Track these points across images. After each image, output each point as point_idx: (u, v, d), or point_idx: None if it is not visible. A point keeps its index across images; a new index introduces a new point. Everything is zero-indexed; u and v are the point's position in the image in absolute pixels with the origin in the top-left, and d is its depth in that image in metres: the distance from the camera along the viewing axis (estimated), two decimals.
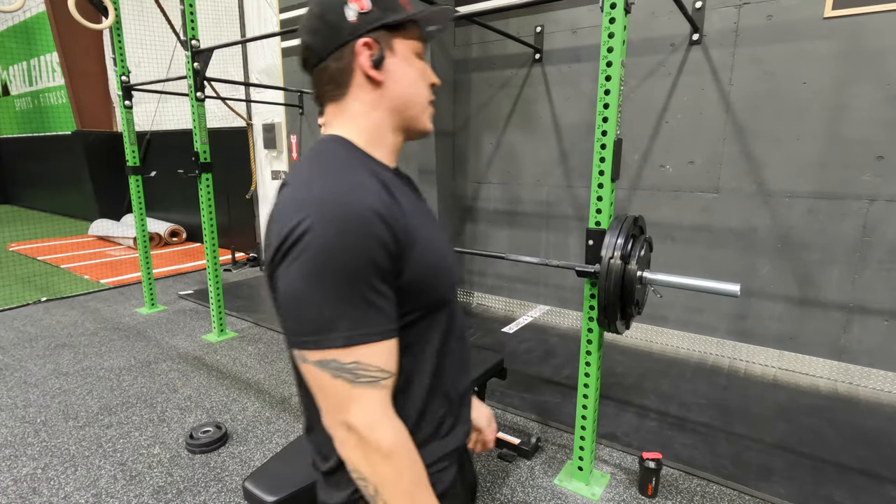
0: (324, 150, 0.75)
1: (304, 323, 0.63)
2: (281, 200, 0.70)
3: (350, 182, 0.67)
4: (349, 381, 0.63)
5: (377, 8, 0.74)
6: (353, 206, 0.64)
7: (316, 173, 0.70)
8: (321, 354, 0.63)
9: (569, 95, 3.79)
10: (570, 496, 2.10)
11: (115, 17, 3.87)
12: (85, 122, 8.91)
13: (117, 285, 5.23)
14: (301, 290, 0.63)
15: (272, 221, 0.69)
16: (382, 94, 0.77)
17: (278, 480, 1.47)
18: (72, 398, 2.89)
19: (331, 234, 0.62)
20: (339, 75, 0.76)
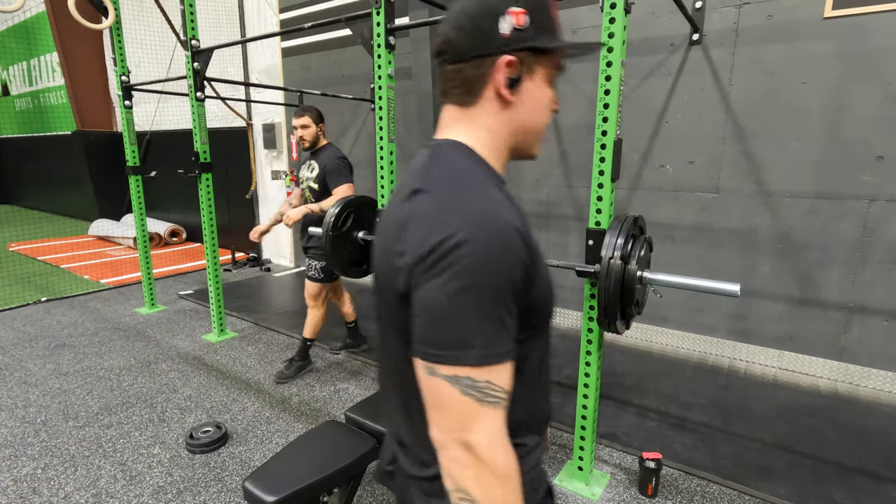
0: (452, 157, 0.73)
1: (443, 336, 0.62)
2: (419, 207, 0.67)
3: (493, 197, 0.67)
4: (477, 399, 0.62)
5: (533, 27, 0.72)
6: (501, 222, 0.64)
7: (458, 184, 0.68)
8: (454, 370, 0.62)
9: (569, 95, 3.79)
10: (570, 496, 2.10)
11: (115, 17, 3.87)
12: (85, 122, 8.91)
13: (117, 285, 5.23)
14: (445, 303, 0.61)
15: (407, 226, 0.66)
16: (510, 115, 0.75)
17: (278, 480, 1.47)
18: (72, 398, 2.89)
19: (482, 249, 0.61)
20: (472, 82, 0.73)
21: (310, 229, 2.89)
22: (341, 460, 1.58)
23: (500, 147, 0.77)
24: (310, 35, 5.34)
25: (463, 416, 0.62)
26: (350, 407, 1.88)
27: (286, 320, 4.21)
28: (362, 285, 5.13)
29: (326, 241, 2.62)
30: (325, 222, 2.64)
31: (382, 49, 2.35)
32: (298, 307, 4.60)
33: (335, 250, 2.65)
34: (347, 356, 3.52)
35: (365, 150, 5.20)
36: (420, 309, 0.64)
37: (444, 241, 0.61)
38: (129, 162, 4.21)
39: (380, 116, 2.44)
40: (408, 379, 0.71)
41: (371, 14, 2.39)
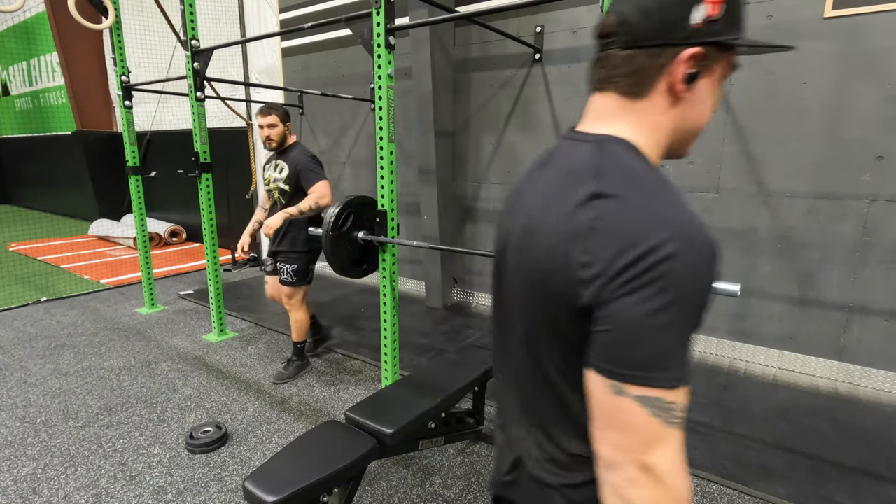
0: (625, 157, 0.67)
1: (638, 356, 0.58)
2: (607, 214, 0.60)
3: (686, 205, 0.61)
4: (665, 421, 0.58)
5: (724, 19, 0.65)
6: (705, 234, 0.58)
7: (647, 189, 0.62)
8: (646, 391, 0.58)
9: (569, 95, 3.79)
10: None
11: (115, 17, 3.87)
12: (85, 122, 8.91)
13: (117, 285, 5.23)
14: (645, 321, 0.57)
15: (592, 235, 0.60)
16: (678, 112, 0.69)
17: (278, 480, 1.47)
18: (72, 398, 2.89)
19: (691, 264, 0.57)
20: (645, 72, 0.66)
21: (310, 229, 2.88)
22: (341, 460, 1.58)
23: (661, 145, 0.72)
24: (310, 35, 5.34)
25: (647, 437, 0.59)
26: (350, 407, 1.88)
27: (286, 320, 4.19)
28: (362, 285, 5.13)
29: (326, 241, 2.62)
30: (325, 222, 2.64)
31: (382, 49, 2.35)
32: None
33: (335, 250, 2.65)
34: (344, 354, 3.52)
35: (365, 150, 5.20)
36: (612, 325, 0.59)
37: (648, 254, 0.56)
38: (129, 162, 4.21)
39: (380, 116, 2.44)
40: (559, 388, 0.69)
41: (371, 14, 2.39)
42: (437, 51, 3.98)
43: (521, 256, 0.71)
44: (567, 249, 0.62)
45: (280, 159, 2.99)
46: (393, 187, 2.54)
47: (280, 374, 3.14)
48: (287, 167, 2.94)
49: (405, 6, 3.93)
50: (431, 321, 4.23)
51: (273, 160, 3.04)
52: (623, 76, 0.67)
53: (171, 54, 6.59)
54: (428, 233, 4.43)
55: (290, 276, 3.03)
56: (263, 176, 3.11)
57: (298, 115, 5.69)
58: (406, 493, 2.12)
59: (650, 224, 0.58)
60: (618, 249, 0.58)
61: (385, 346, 2.73)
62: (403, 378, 2.24)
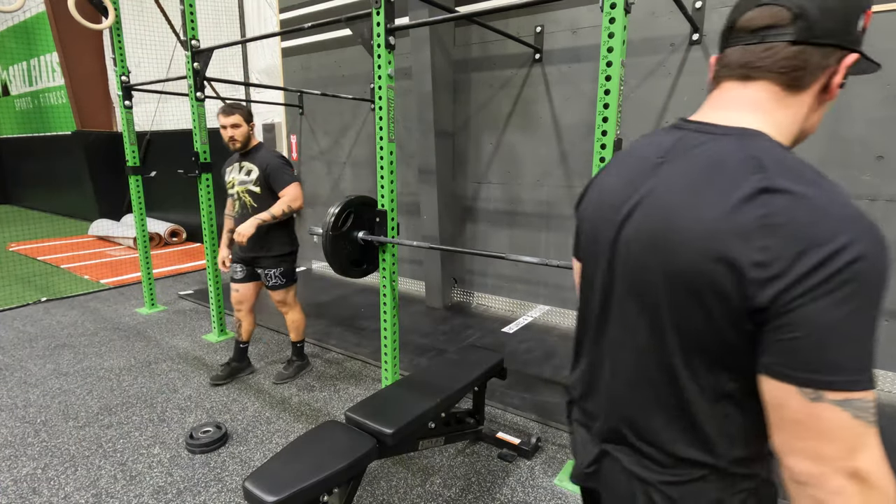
0: (779, 150, 0.65)
1: (839, 359, 0.56)
2: (783, 212, 0.59)
3: (854, 203, 0.60)
4: (866, 421, 0.57)
5: (861, 32, 0.68)
6: (878, 230, 0.58)
7: (819, 186, 0.60)
8: (848, 395, 0.56)
9: (569, 95, 3.79)
10: (570, 496, 2.10)
11: (114, 17, 3.87)
12: (85, 122, 8.91)
13: (117, 285, 5.23)
14: (844, 324, 0.56)
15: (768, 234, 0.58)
16: (817, 111, 0.71)
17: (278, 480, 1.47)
18: (72, 398, 2.89)
19: (879, 264, 0.56)
20: (811, 68, 0.66)
21: (310, 229, 2.87)
22: (341, 460, 1.58)
23: (789, 142, 0.71)
24: (310, 35, 5.34)
25: (852, 442, 0.57)
26: (350, 407, 1.88)
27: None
28: (362, 285, 5.13)
29: (326, 241, 2.62)
30: (325, 222, 2.64)
31: (382, 49, 2.35)
32: None
33: (335, 250, 2.65)
34: (344, 354, 3.52)
35: (365, 150, 5.20)
36: (804, 330, 0.57)
37: (836, 255, 0.55)
38: (129, 162, 4.21)
39: (380, 116, 2.44)
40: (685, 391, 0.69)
41: (371, 14, 2.39)
42: (437, 51, 3.98)
43: (654, 253, 0.69)
44: (731, 248, 0.60)
45: (246, 161, 2.88)
46: (393, 187, 2.54)
47: (280, 374, 3.13)
48: (256, 169, 2.83)
49: (405, 6, 3.93)
50: (431, 321, 4.23)
51: (236, 162, 2.91)
52: (788, 69, 0.66)
53: (171, 54, 6.59)
54: (428, 233, 4.43)
55: (279, 280, 2.95)
56: (225, 179, 2.95)
57: (298, 115, 5.69)
58: (406, 493, 2.12)
59: (833, 223, 0.57)
60: (800, 249, 0.56)
61: (385, 346, 2.73)
62: (403, 378, 2.24)
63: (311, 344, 3.71)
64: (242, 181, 2.86)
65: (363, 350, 3.58)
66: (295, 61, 5.62)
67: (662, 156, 0.74)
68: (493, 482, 2.19)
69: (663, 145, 0.75)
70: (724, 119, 0.71)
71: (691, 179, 0.68)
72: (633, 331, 0.75)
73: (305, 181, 5.89)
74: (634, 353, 0.75)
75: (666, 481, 0.74)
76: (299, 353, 3.23)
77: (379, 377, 3.18)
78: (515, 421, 2.68)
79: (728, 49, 0.71)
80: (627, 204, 0.75)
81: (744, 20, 0.69)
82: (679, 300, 0.67)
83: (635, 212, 0.73)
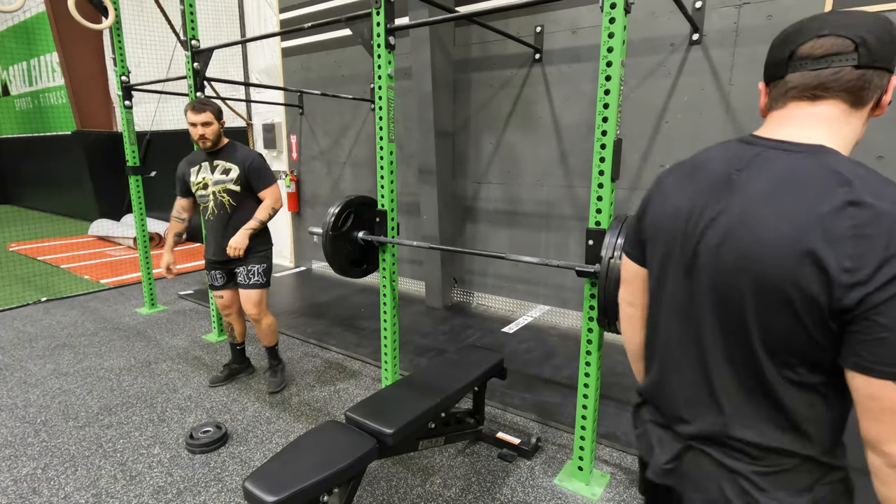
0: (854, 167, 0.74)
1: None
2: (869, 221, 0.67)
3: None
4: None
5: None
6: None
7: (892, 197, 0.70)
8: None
9: (569, 95, 3.79)
10: (570, 496, 2.10)
11: (115, 17, 3.87)
12: (85, 122, 8.92)
13: (117, 285, 5.23)
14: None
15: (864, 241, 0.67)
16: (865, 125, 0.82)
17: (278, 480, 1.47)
18: (72, 398, 2.89)
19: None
20: (871, 88, 0.78)
21: (310, 229, 2.87)
22: (341, 460, 1.58)
23: (849, 151, 0.81)
24: (310, 35, 5.34)
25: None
26: (350, 407, 1.88)
27: (286, 320, 4.21)
28: (362, 285, 5.13)
29: (326, 241, 2.62)
30: (325, 222, 2.64)
31: (382, 49, 2.35)
32: (298, 307, 4.60)
33: (335, 250, 2.65)
34: (344, 354, 3.52)
35: (365, 150, 5.20)
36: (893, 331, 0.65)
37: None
38: (129, 162, 4.21)
39: (380, 116, 2.44)
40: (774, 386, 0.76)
41: (371, 14, 2.39)
42: (437, 51, 3.98)
43: (742, 261, 0.76)
44: (821, 254, 0.68)
45: (219, 160, 2.74)
46: (393, 187, 2.54)
47: (273, 383, 3.00)
48: (236, 167, 2.71)
49: (405, 6, 3.93)
50: (431, 321, 4.23)
51: (203, 161, 2.76)
52: (855, 89, 0.78)
53: (171, 54, 6.59)
54: (428, 233, 4.43)
55: (260, 278, 2.84)
56: (190, 180, 2.79)
57: (298, 115, 5.69)
58: (406, 493, 2.12)
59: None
60: (884, 258, 0.65)
61: (385, 346, 2.73)
62: (403, 378, 2.24)
63: (311, 344, 3.72)
64: (219, 181, 2.73)
65: (363, 350, 3.58)
66: (295, 61, 5.62)
67: (739, 169, 0.81)
68: (493, 482, 2.19)
69: (738, 160, 0.83)
70: (794, 135, 0.80)
71: (776, 192, 0.75)
72: (718, 332, 0.82)
73: (305, 181, 5.89)
74: (719, 353, 0.82)
75: (757, 471, 0.80)
76: (277, 356, 3.11)
77: (379, 377, 3.18)
78: (515, 421, 2.68)
79: (791, 74, 0.81)
80: (706, 216, 0.82)
81: (806, 48, 0.79)
82: (767, 302, 0.74)
83: (717, 223, 0.81)
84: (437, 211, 4.30)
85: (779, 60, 0.82)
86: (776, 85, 0.84)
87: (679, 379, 0.90)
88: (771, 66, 0.84)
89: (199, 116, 2.63)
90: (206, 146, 2.71)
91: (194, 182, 2.78)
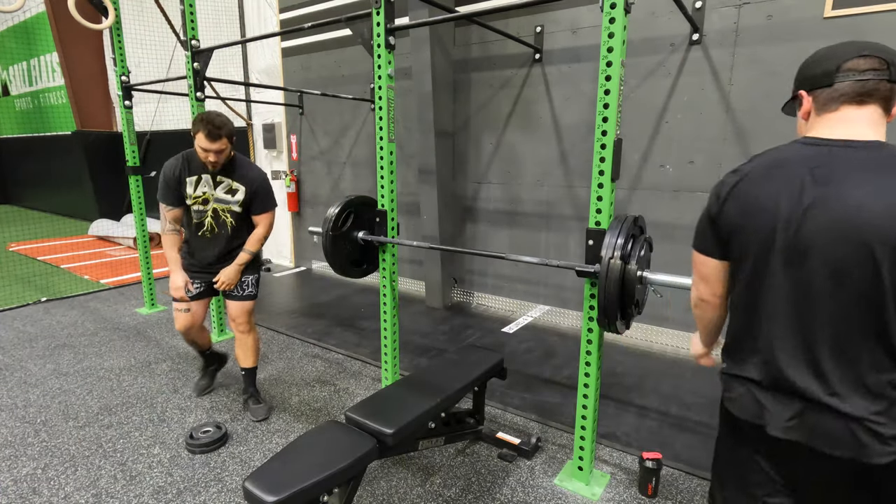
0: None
1: None
2: None
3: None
4: None
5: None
6: None
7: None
8: None
9: (569, 95, 3.79)
10: (570, 496, 2.10)
11: (114, 17, 3.87)
12: (85, 122, 8.91)
13: (117, 285, 5.23)
14: None
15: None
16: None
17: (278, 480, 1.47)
18: (72, 398, 2.89)
19: None
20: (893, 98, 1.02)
21: (310, 229, 2.87)
22: (341, 460, 1.58)
23: None
24: (310, 35, 5.34)
25: None
26: (350, 407, 1.88)
27: (286, 320, 4.21)
28: (362, 285, 5.14)
29: (326, 241, 2.62)
30: (325, 222, 2.64)
31: (382, 49, 2.35)
32: (298, 307, 4.61)
33: (335, 250, 2.65)
34: (344, 354, 3.52)
35: (365, 150, 5.20)
36: None
37: None
38: (129, 162, 4.21)
39: (380, 116, 2.44)
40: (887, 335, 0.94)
41: (371, 14, 2.39)
42: (437, 51, 3.98)
43: (850, 235, 0.94)
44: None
45: (225, 177, 2.53)
46: (393, 187, 2.54)
47: (259, 411, 2.70)
48: (243, 189, 2.53)
49: (405, 6, 3.93)
50: (431, 321, 4.23)
51: (204, 174, 2.52)
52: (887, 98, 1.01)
53: (171, 54, 6.59)
54: (428, 233, 4.43)
55: (253, 289, 2.67)
56: (187, 191, 2.53)
57: (298, 115, 5.69)
58: (406, 493, 2.12)
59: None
60: None
61: (385, 346, 2.73)
62: (403, 378, 2.24)
63: (311, 344, 3.72)
64: (223, 200, 2.54)
65: (363, 350, 3.58)
66: (295, 61, 5.62)
67: (818, 166, 0.99)
68: (493, 482, 2.19)
69: (813, 158, 1.01)
70: (852, 135, 1.00)
71: (866, 177, 0.95)
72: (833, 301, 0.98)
73: (305, 181, 5.89)
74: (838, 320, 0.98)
75: (876, 411, 0.96)
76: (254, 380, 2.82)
77: (379, 377, 3.18)
78: (515, 421, 2.68)
79: (840, 83, 1.02)
80: (799, 206, 0.99)
81: (851, 64, 1.01)
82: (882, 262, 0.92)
83: (813, 211, 0.97)
84: (437, 211, 4.30)
85: (826, 72, 1.03)
86: (823, 91, 1.04)
87: (787, 345, 1.03)
88: (818, 76, 1.05)
89: (214, 144, 2.36)
90: (215, 169, 2.48)
91: (192, 195, 2.53)
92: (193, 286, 2.63)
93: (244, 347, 2.71)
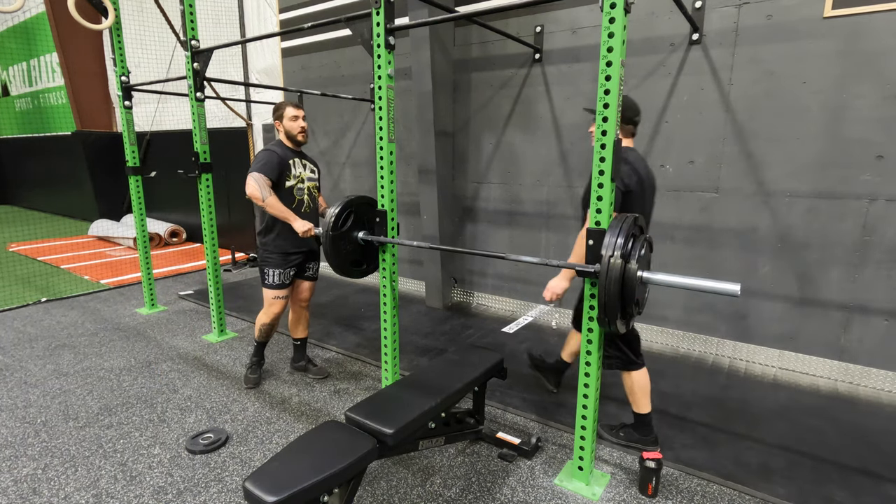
0: None
1: None
2: None
3: None
4: None
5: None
6: None
7: None
8: None
9: (569, 95, 3.79)
10: (570, 496, 2.10)
11: (114, 17, 3.87)
12: (85, 123, 8.91)
13: (117, 286, 5.23)
14: None
15: None
16: None
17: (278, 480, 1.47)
18: (72, 398, 2.89)
19: None
20: None
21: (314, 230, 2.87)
22: (341, 460, 1.58)
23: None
24: (310, 35, 5.34)
25: None
26: (350, 407, 1.88)
27: (286, 320, 4.20)
28: (362, 285, 5.13)
29: (326, 241, 2.61)
30: (325, 222, 2.64)
31: (382, 49, 2.35)
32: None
33: (335, 250, 2.65)
34: (344, 354, 3.52)
35: (365, 150, 5.20)
36: None
37: None
38: (129, 162, 4.21)
39: (380, 116, 2.44)
40: None
41: (371, 14, 2.39)
42: (437, 51, 3.98)
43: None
44: None
45: (305, 159, 2.93)
46: (393, 187, 2.54)
47: (320, 370, 3.21)
48: (316, 168, 3.00)
49: (405, 6, 3.93)
50: (431, 321, 4.23)
51: (296, 157, 2.86)
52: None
53: (171, 54, 6.59)
54: (428, 233, 4.43)
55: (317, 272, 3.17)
56: (292, 172, 2.81)
57: None
58: (406, 493, 2.12)
59: None
60: None
61: (385, 346, 2.73)
62: (403, 378, 2.24)
63: (311, 344, 3.71)
64: (311, 178, 2.95)
65: (363, 350, 3.58)
66: (295, 61, 5.62)
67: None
68: (493, 482, 2.19)
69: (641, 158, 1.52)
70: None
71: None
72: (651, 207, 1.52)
73: None
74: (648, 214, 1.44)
75: None
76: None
77: (379, 377, 3.18)
78: (515, 421, 2.68)
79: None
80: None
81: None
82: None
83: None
84: (437, 211, 4.30)
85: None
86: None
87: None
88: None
89: (301, 111, 2.82)
90: (305, 141, 2.87)
91: (294, 175, 2.83)
92: (291, 274, 2.96)
93: (304, 322, 3.21)
